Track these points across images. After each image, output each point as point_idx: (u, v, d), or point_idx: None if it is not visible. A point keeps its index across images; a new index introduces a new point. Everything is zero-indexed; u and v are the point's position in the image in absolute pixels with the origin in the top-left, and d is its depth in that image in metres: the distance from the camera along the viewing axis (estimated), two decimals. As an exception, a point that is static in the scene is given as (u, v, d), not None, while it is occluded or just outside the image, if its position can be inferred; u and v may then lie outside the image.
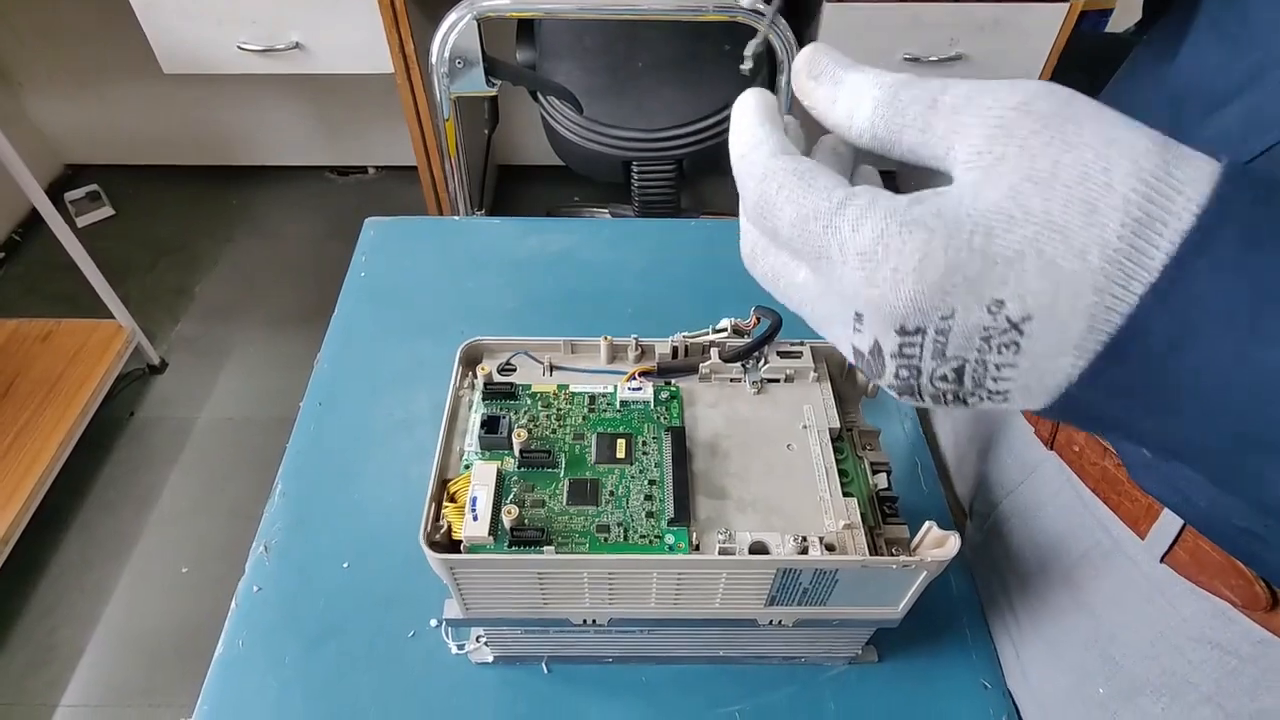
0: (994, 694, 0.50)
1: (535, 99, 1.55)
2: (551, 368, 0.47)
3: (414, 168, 1.81)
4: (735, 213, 0.28)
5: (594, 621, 0.44)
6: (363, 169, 2.35)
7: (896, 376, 0.24)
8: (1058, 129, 0.20)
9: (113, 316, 1.67)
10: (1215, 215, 0.19)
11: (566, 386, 0.46)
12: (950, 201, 0.21)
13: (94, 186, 2.19)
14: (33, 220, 2.13)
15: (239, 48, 1.48)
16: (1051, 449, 0.45)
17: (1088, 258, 0.20)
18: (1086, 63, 1.56)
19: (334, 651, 0.51)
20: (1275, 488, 0.20)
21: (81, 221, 2.12)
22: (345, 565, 0.55)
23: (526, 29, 1.47)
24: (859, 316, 0.23)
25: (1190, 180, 0.19)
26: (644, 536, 0.39)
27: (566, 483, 0.41)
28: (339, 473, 0.61)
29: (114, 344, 1.64)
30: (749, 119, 0.26)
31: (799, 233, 0.24)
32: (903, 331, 0.22)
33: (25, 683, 1.32)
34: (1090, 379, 0.21)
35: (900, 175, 2.36)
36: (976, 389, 0.23)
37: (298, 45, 1.48)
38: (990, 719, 0.49)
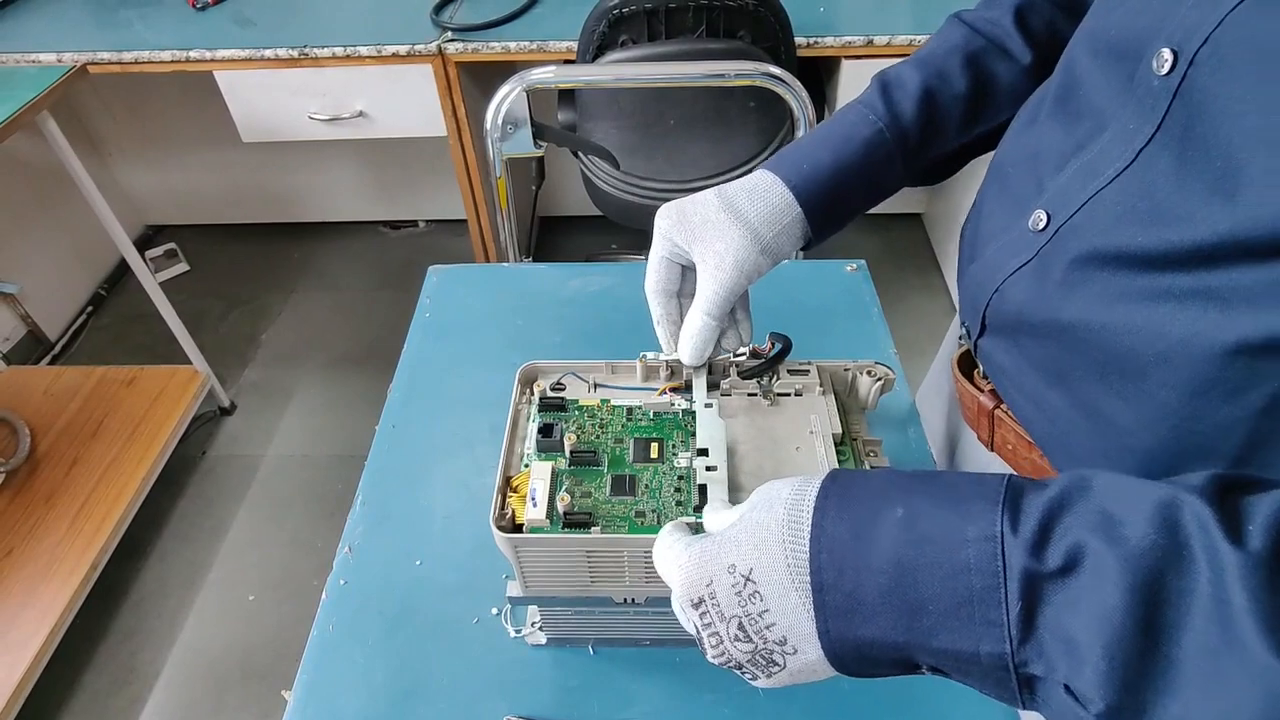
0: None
1: (576, 156, 1.68)
2: (595, 385, 0.56)
3: (460, 220, 1.94)
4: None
5: (633, 601, 0.52)
6: (413, 223, 2.51)
7: (713, 648, 0.36)
8: (764, 495, 0.37)
9: (190, 362, 1.81)
10: (823, 495, 0.35)
11: (608, 400, 0.54)
12: (715, 534, 0.38)
13: (171, 245, 2.38)
14: (116, 276, 2.33)
15: (309, 117, 1.63)
16: (993, 450, 0.54)
17: (770, 529, 0.35)
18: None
19: (409, 634, 0.59)
20: (941, 642, 0.31)
21: (160, 277, 2.30)
22: (418, 563, 0.64)
23: (567, 93, 1.60)
24: (681, 609, 0.38)
25: (812, 487, 0.35)
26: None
27: (609, 478, 0.49)
28: (410, 484, 0.69)
29: (190, 388, 1.78)
30: (664, 538, 0.41)
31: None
32: (694, 605, 0.36)
33: (108, 701, 1.42)
34: (821, 612, 0.33)
35: (928, 217, 2.44)
36: (764, 642, 0.35)
37: (361, 113, 1.63)
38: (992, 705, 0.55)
